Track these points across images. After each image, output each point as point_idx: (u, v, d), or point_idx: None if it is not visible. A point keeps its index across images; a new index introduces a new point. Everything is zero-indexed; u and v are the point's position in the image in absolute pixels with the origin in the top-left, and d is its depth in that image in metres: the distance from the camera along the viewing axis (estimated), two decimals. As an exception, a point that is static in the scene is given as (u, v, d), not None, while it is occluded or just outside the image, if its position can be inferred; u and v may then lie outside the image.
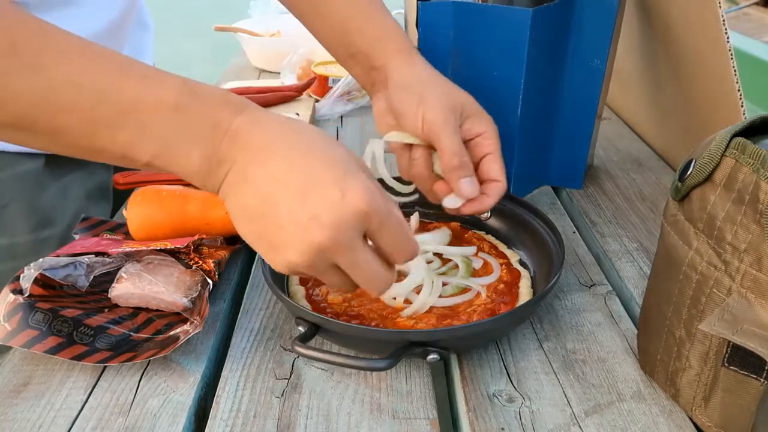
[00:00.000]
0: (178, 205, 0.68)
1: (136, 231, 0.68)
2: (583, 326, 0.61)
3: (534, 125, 0.80)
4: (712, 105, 0.75)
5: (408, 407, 0.52)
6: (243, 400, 0.53)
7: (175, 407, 0.52)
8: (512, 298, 0.62)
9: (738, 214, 0.42)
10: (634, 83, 1.01)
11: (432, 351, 0.52)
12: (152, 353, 0.55)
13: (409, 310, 0.59)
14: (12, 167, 0.76)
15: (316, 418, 0.51)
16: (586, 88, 0.80)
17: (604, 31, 0.76)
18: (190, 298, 0.60)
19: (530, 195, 0.86)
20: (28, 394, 0.53)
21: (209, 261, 0.62)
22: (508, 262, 0.67)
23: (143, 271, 0.60)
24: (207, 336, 0.60)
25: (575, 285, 0.67)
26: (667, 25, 0.81)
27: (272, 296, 0.65)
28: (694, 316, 0.47)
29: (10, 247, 0.76)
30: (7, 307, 0.55)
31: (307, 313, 0.54)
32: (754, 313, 0.42)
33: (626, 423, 0.50)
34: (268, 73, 1.43)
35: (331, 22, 0.69)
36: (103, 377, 0.55)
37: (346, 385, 0.54)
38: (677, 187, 0.48)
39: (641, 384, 0.54)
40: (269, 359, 0.57)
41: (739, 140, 0.43)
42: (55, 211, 0.78)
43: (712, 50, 0.70)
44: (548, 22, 0.73)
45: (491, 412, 0.51)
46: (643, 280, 0.67)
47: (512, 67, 0.73)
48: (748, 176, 0.42)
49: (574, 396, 0.53)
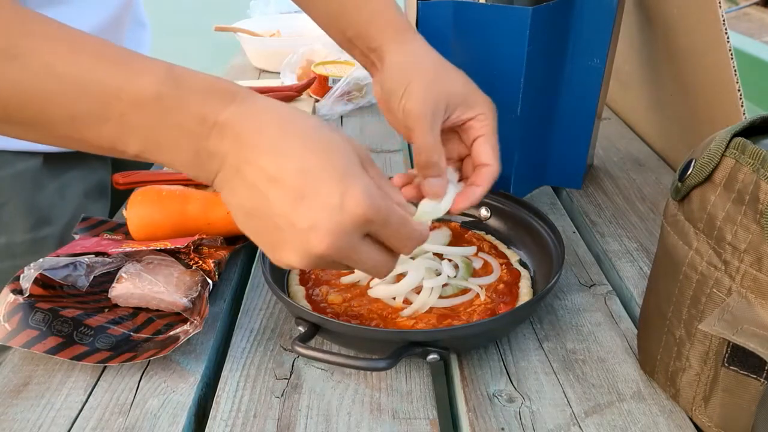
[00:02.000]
0: (178, 205, 0.68)
1: (136, 231, 0.68)
2: (583, 326, 0.61)
3: (534, 125, 0.80)
4: (712, 105, 0.75)
5: (408, 407, 0.52)
6: (243, 400, 0.53)
7: (175, 407, 0.52)
8: (512, 298, 0.62)
9: (738, 214, 0.42)
10: (634, 83, 1.01)
11: (432, 351, 0.52)
12: (152, 353, 0.55)
13: (409, 310, 0.59)
14: (10, 166, 0.76)
15: (316, 418, 0.51)
16: (586, 88, 0.80)
17: (604, 31, 0.76)
18: (190, 298, 0.60)
19: (530, 195, 0.86)
20: (28, 394, 0.53)
21: (209, 261, 0.62)
22: (508, 262, 0.67)
23: (143, 271, 0.60)
24: (207, 336, 0.60)
25: (575, 285, 0.67)
26: (667, 25, 0.81)
27: (272, 296, 0.65)
28: (694, 316, 0.47)
29: (8, 246, 0.76)
30: (7, 307, 0.55)
31: (307, 313, 0.54)
32: (754, 313, 0.42)
33: (626, 423, 0.50)
34: (268, 73, 1.43)
35: (327, 4, 0.68)
36: (103, 377, 0.55)
37: (346, 385, 0.54)
38: (677, 187, 0.48)
39: (641, 384, 0.54)
40: (269, 359, 0.57)
41: (739, 140, 0.43)
42: (53, 210, 0.78)
43: (712, 50, 0.70)
44: (548, 21, 0.73)
45: (491, 412, 0.51)
46: (643, 280, 0.67)
47: (512, 66, 0.73)
48: (748, 176, 0.42)
49: (574, 396, 0.53)
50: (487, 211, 0.75)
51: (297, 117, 0.43)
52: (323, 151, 0.42)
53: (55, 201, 0.79)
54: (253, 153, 0.41)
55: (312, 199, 0.41)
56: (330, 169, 0.41)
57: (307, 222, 0.41)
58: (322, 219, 0.40)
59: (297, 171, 0.41)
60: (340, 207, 0.40)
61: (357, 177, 0.42)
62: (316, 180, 0.41)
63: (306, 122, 0.43)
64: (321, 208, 0.40)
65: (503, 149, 0.63)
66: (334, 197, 0.40)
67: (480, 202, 0.74)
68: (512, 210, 0.72)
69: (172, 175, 0.85)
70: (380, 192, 0.43)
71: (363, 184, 0.41)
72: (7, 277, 0.58)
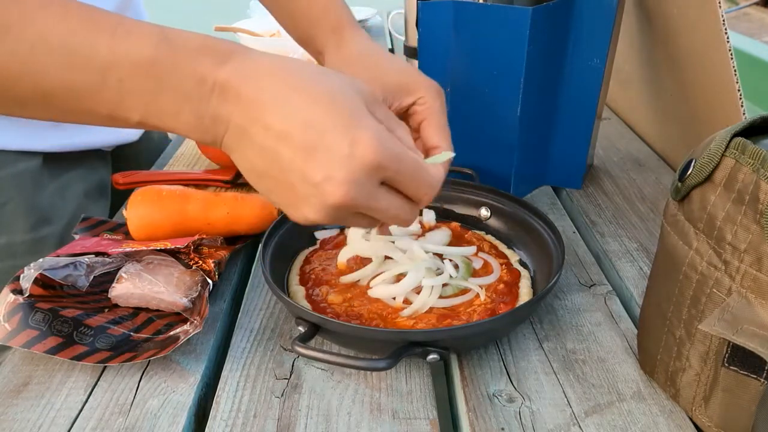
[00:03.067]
0: (178, 205, 0.69)
1: (136, 231, 0.68)
2: (583, 326, 0.61)
3: (534, 125, 0.80)
4: (712, 105, 0.75)
5: (408, 407, 0.52)
6: (243, 400, 0.53)
7: (175, 407, 0.52)
8: (512, 298, 0.62)
9: (738, 214, 0.42)
10: (634, 83, 1.01)
11: (432, 351, 0.52)
12: (152, 353, 0.55)
13: (409, 310, 0.59)
14: (10, 166, 0.76)
15: (316, 418, 0.51)
16: (586, 88, 0.80)
17: (604, 31, 0.76)
18: (190, 298, 0.60)
19: (530, 195, 0.86)
20: (28, 394, 0.53)
21: (209, 261, 0.62)
22: (508, 262, 0.67)
23: (143, 271, 0.60)
24: (207, 336, 0.60)
25: (575, 285, 0.67)
26: (667, 25, 0.81)
27: (272, 296, 0.65)
28: (694, 316, 0.47)
29: (8, 245, 0.76)
30: (7, 307, 0.55)
31: (307, 313, 0.54)
32: (754, 313, 0.42)
33: (626, 423, 0.50)
34: (268, 72, 1.43)
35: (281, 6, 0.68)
36: (103, 377, 0.55)
37: (346, 385, 0.54)
38: (677, 187, 0.48)
39: (641, 384, 0.54)
40: (269, 359, 0.57)
41: (739, 140, 0.43)
42: (53, 210, 0.78)
43: (712, 50, 0.70)
44: (548, 21, 0.73)
45: (491, 412, 0.51)
46: (643, 280, 0.67)
47: (512, 66, 0.73)
48: (748, 176, 0.42)
49: (574, 396, 0.53)
50: (487, 211, 0.75)
51: (296, 68, 0.42)
52: (328, 101, 0.41)
53: (55, 201, 0.79)
54: (257, 112, 0.41)
55: (322, 152, 0.40)
56: (337, 117, 0.40)
57: (320, 175, 0.40)
58: (334, 170, 0.40)
59: (303, 125, 0.40)
60: (351, 155, 0.40)
61: (365, 122, 0.41)
62: (323, 131, 0.40)
63: (306, 72, 0.42)
64: (332, 159, 0.40)
65: (503, 149, 0.63)
66: (344, 146, 0.40)
67: (480, 201, 0.75)
68: (512, 210, 0.72)
69: (172, 175, 0.85)
70: (390, 136, 0.42)
71: (372, 129, 0.41)
72: (7, 277, 0.58)
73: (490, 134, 0.79)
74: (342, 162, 0.40)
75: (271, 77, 0.41)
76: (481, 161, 0.80)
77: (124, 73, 0.40)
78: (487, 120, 0.78)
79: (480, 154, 0.80)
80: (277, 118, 0.40)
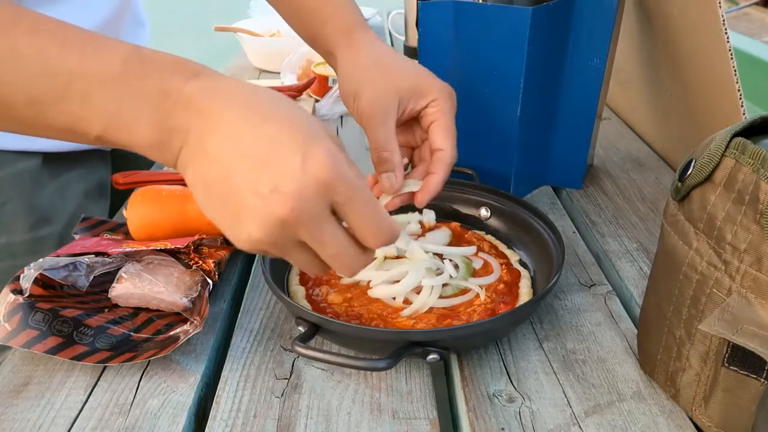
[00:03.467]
0: (178, 205, 0.68)
1: (136, 231, 0.68)
2: (583, 326, 0.61)
3: (534, 125, 0.80)
4: (712, 105, 0.75)
5: (408, 407, 0.52)
6: (243, 400, 0.53)
7: (175, 407, 0.52)
8: (512, 298, 0.62)
9: (738, 214, 0.42)
10: (634, 83, 1.01)
11: (432, 351, 0.52)
12: (152, 353, 0.55)
13: (409, 310, 0.59)
14: (10, 166, 0.76)
15: (316, 418, 0.51)
16: (586, 88, 0.80)
17: (604, 31, 0.76)
18: (190, 298, 0.60)
19: (530, 195, 0.86)
20: (28, 394, 0.53)
21: (209, 261, 0.62)
22: (508, 262, 0.67)
23: (143, 271, 0.60)
24: (207, 336, 0.60)
25: (575, 285, 0.67)
26: (667, 25, 0.81)
27: (272, 296, 0.65)
28: (694, 316, 0.47)
29: (8, 245, 0.76)
30: (7, 307, 0.55)
31: (307, 313, 0.54)
32: (754, 313, 0.42)
33: (626, 423, 0.50)
34: (268, 73, 1.43)
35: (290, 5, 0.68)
36: (103, 377, 0.55)
37: (346, 385, 0.54)
38: (677, 187, 0.48)
39: (641, 384, 0.54)
40: (269, 359, 0.57)
41: (739, 140, 0.43)
42: (53, 210, 0.78)
43: (712, 50, 0.70)
44: (548, 21, 0.73)
45: (491, 412, 0.51)
46: (643, 280, 0.67)
47: (512, 66, 0.73)
48: (748, 176, 0.42)
49: (574, 396, 0.53)
50: (487, 211, 0.75)
51: (260, 91, 0.43)
52: (287, 119, 0.41)
53: (55, 201, 0.79)
54: (217, 123, 0.41)
55: (274, 164, 0.40)
56: (294, 134, 0.40)
57: (269, 186, 0.39)
58: (284, 182, 0.39)
59: (260, 137, 0.40)
60: (303, 170, 0.39)
61: (321, 142, 0.40)
62: (279, 146, 0.40)
63: (269, 96, 0.43)
64: (283, 172, 0.39)
65: (503, 149, 0.63)
66: (297, 161, 0.39)
67: (480, 201, 0.75)
68: (512, 210, 0.72)
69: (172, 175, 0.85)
70: (346, 160, 0.42)
71: (327, 148, 0.40)
72: (7, 277, 0.57)
73: (490, 134, 0.79)
74: (293, 175, 0.39)
75: (235, 97, 0.42)
76: (481, 161, 0.80)
77: (90, 86, 0.40)
78: (487, 120, 0.78)
79: (480, 154, 0.80)
80: (236, 130, 0.40)
